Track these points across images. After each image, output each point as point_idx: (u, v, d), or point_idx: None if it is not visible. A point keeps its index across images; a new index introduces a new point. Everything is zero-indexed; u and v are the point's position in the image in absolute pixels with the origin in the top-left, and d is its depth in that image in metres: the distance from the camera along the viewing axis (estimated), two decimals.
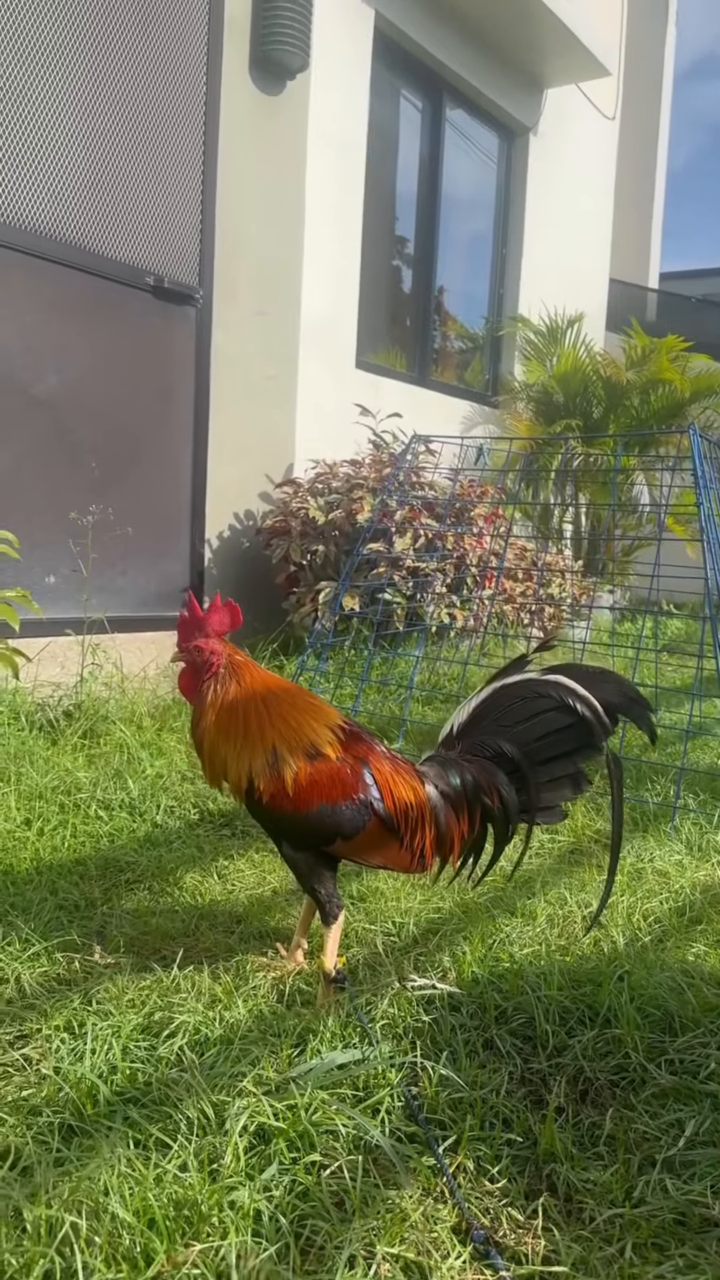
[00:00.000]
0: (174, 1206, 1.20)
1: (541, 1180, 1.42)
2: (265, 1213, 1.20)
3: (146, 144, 4.69)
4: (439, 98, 6.86)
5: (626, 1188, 1.40)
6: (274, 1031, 1.65)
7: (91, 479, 4.55)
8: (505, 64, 7.17)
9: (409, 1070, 1.59)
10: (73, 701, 3.51)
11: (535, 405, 7.75)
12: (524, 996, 1.81)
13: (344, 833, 1.75)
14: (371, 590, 4.65)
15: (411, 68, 6.58)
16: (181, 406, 5.01)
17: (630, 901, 2.32)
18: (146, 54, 4.65)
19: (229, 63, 5.04)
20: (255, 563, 5.26)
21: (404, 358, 6.89)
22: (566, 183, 8.16)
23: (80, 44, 4.35)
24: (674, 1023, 1.77)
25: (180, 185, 4.89)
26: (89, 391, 4.54)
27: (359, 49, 5.86)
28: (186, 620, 1.79)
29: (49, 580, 4.40)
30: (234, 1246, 1.10)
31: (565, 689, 1.80)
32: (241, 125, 5.14)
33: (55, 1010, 1.69)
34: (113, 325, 4.63)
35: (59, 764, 3.03)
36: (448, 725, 1.91)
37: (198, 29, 4.90)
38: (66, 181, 4.34)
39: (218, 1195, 1.19)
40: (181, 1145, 1.29)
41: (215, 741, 1.77)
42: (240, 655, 1.84)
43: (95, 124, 4.45)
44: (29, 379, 4.29)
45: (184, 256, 4.94)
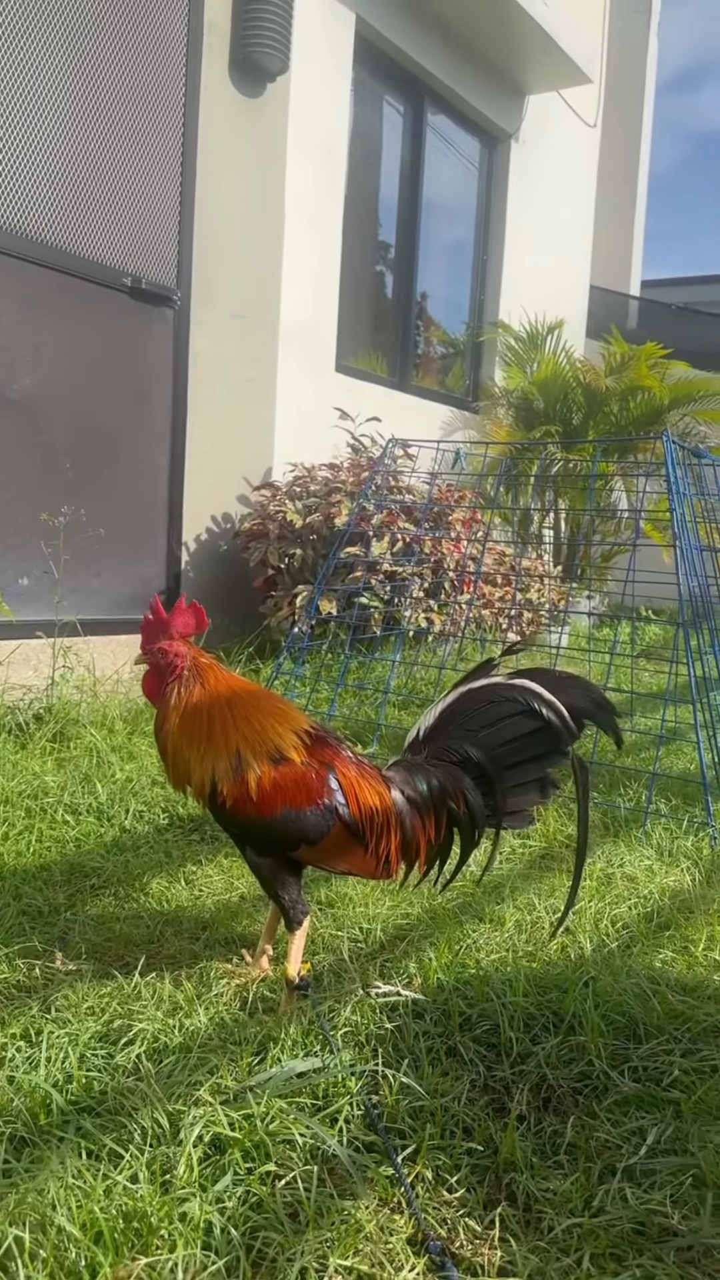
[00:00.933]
0: (123, 1219, 1.17)
1: (501, 1190, 1.41)
2: (217, 1225, 1.18)
3: (125, 144, 4.67)
4: (420, 103, 6.87)
5: (586, 1197, 1.39)
6: (235, 1040, 1.63)
7: (66, 481, 4.51)
8: (487, 70, 7.19)
9: (370, 1078, 1.58)
10: (43, 705, 3.48)
11: (515, 411, 7.76)
12: (489, 1003, 1.80)
13: (308, 838, 1.73)
14: (349, 594, 4.64)
15: (393, 72, 6.58)
16: (159, 408, 4.99)
17: (599, 907, 2.31)
18: (126, 54, 4.63)
19: (209, 65, 5.03)
20: (232, 566, 5.24)
21: (384, 362, 6.89)
22: (548, 189, 8.18)
23: (58, 44, 4.33)
24: (638, 1029, 1.76)
25: (159, 186, 4.87)
26: (64, 392, 4.51)
27: (339, 53, 5.86)
28: (151, 622, 1.77)
29: (22, 582, 4.36)
30: (181, 1260, 1.08)
31: (531, 693, 1.79)
32: (221, 127, 5.12)
33: (12, 1018, 1.67)
34: (89, 326, 4.60)
35: (27, 768, 3.00)
36: (414, 729, 1.89)
37: (177, 30, 4.89)
38: (43, 181, 4.31)
39: (168, 1207, 1.17)
40: (134, 1156, 1.27)
41: (178, 744, 1.75)
42: (205, 658, 1.82)
43: (74, 124, 4.43)
44: (3, 379, 4.26)
45: (162, 258, 4.92)
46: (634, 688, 4.51)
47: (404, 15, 6.32)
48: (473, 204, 7.73)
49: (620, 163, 11.24)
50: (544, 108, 7.92)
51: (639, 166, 11.83)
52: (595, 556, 7.72)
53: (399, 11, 6.27)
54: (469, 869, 2.51)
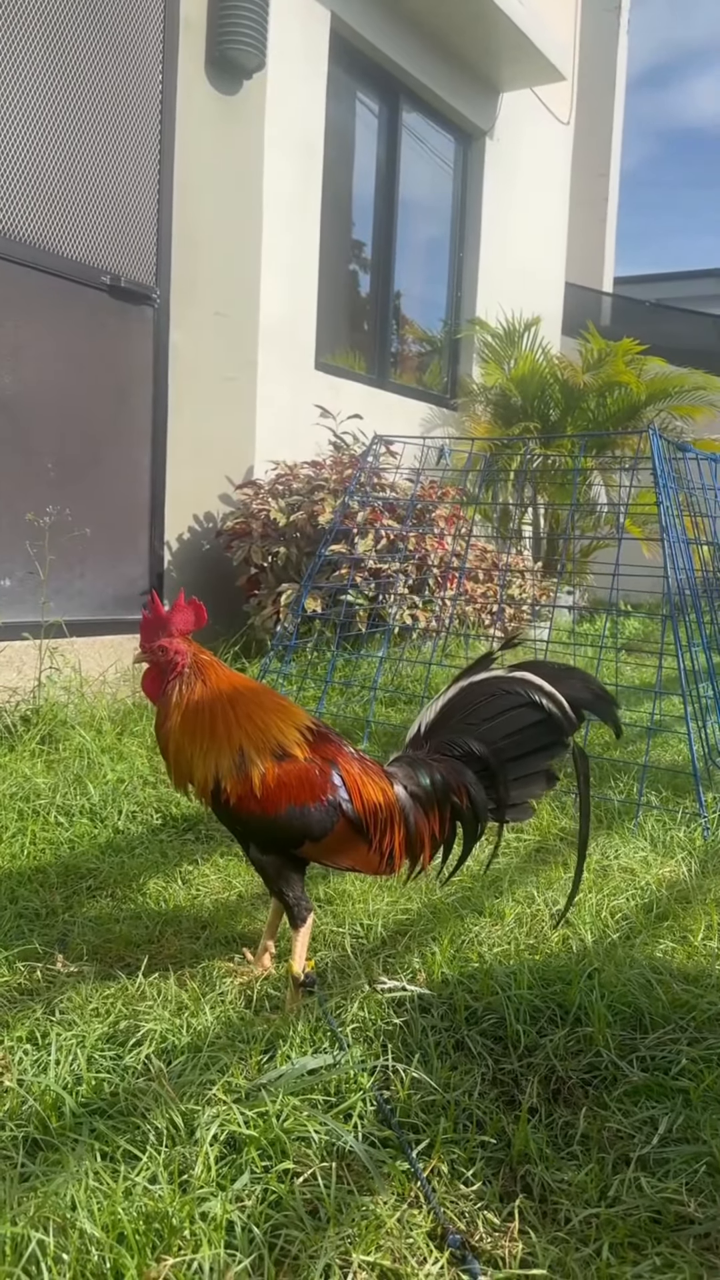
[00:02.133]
0: (144, 1220, 1.16)
1: (516, 1182, 1.41)
2: (238, 1223, 1.17)
3: (102, 142, 4.63)
4: (395, 100, 6.86)
5: (601, 1187, 1.39)
6: (242, 1038, 1.63)
7: (47, 481, 4.48)
8: (461, 67, 7.19)
9: (380, 1074, 1.57)
10: (30, 706, 3.45)
11: (494, 408, 7.78)
12: (494, 996, 1.80)
13: (312, 835, 1.72)
14: (334, 592, 4.63)
15: (368, 70, 6.57)
16: (139, 407, 4.96)
17: (598, 899, 2.31)
18: (101, 51, 4.59)
19: (185, 62, 5.00)
20: (216, 565, 5.21)
21: (363, 360, 6.88)
22: (522, 186, 8.20)
23: (33, 42, 4.29)
24: (644, 1019, 1.76)
25: (137, 183, 4.84)
26: (44, 392, 4.47)
27: (315, 50, 5.85)
28: (149, 620, 1.76)
29: (4, 584, 4.33)
30: (207, 1259, 1.07)
31: (532, 685, 1.79)
32: (198, 124, 5.10)
33: (17, 1021, 1.65)
34: (69, 325, 4.56)
35: (16, 770, 2.97)
36: (415, 724, 1.89)
37: (153, 27, 4.86)
38: (19, 178, 4.27)
39: (189, 1207, 1.16)
40: (150, 1156, 1.26)
41: (180, 743, 1.74)
42: (206, 654, 1.81)
43: (50, 122, 4.39)
44: None
45: (141, 256, 4.89)
46: (618, 681, 4.52)
47: (379, 12, 6.32)
48: (448, 201, 7.73)
49: (592, 159, 11.29)
50: (518, 105, 7.93)
51: (610, 163, 11.89)
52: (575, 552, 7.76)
53: (374, 8, 6.26)
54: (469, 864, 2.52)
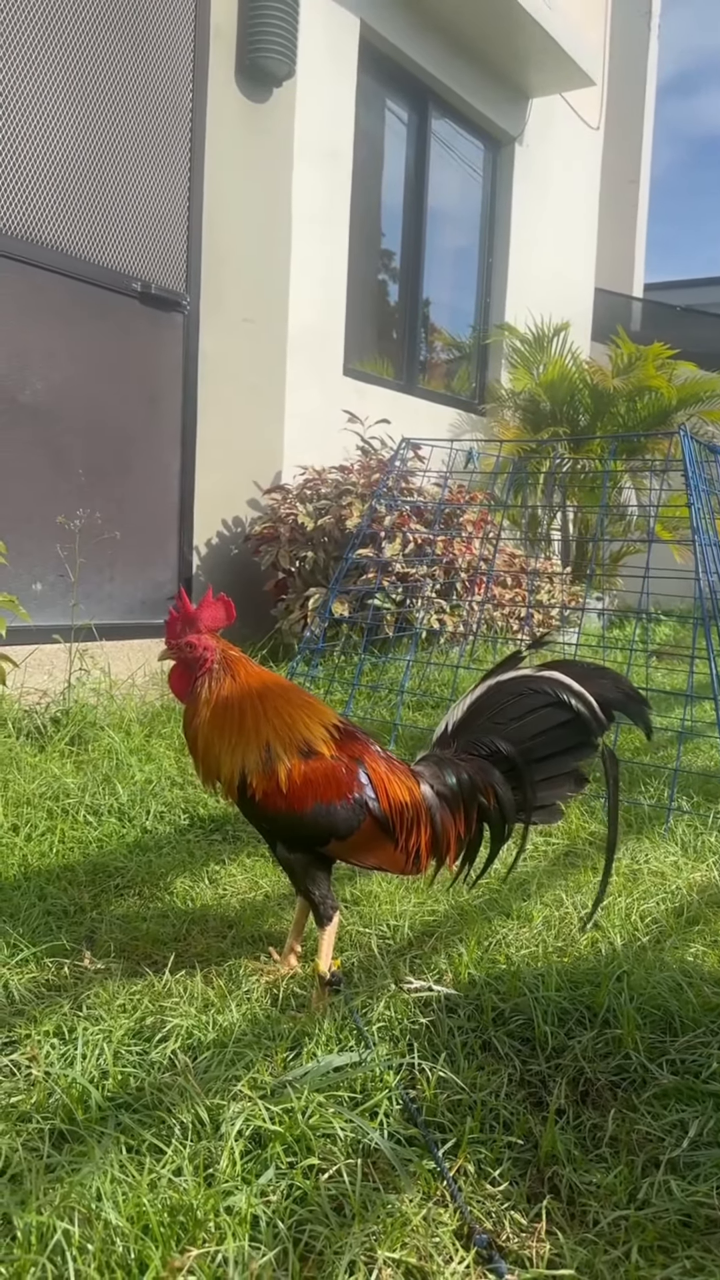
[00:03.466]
0: (169, 1212, 1.16)
1: (543, 1183, 1.39)
2: (263, 1218, 1.16)
3: (133, 150, 4.68)
4: (425, 107, 6.88)
5: (630, 1190, 1.38)
6: (269, 1035, 1.62)
7: (78, 486, 4.52)
8: (490, 73, 7.20)
9: (406, 1073, 1.56)
10: (61, 708, 3.47)
11: (523, 413, 7.76)
12: (522, 998, 1.78)
13: (338, 833, 1.72)
14: (361, 596, 4.63)
15: (397, 77, 6.59)
16: (169, 413, 4.99)
17: (627, 902, 2.29)
18: (133, 60, 4.64)
19: (215, 70, 5.04)
20: (244, 570, 5.23)
21: (391, 366, 6.89)
22: (552, 192, 8.19)
23: (66, 51, 4.34)
24: (674, 1022, 1.74)
25: (167, 191, 4.88)
26: (76, 398, 4.52)
27: (344, 58, 5.87)
28: (177, 617, 1.76)
29: (36, 588, 4.37)
30: (232, 1252, 1.07)
31: (561, 685, 1.78)
32: (228, 132, 5.13)
33: (45, 1016, 1.66)
34: (100, 332, 4.61)
35: (46, 770, 2.99)
36: (442, 724, 1.88)
37: (184, 36, 4.90)
38: (52, 187, 4.32)
39: (214, 1200, 1.16)
40: (175, 1150, 1.25)
41: (209, 738, 1.74)
42: (234, 650, 1.81)
43: (83, 131, 4.44)
44: (15, 386, 4.26)
45: (171, 263, 4.93)
46: (648, 685, 4.49)
47: (407, 19, 6.34)
48: (477, 207, 7.74)
49: (622, 165, 11.25)
50: (547, 110, 7.93)
51: (640, 168, 11.83)
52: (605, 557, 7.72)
53: (402, 16, 6.29)
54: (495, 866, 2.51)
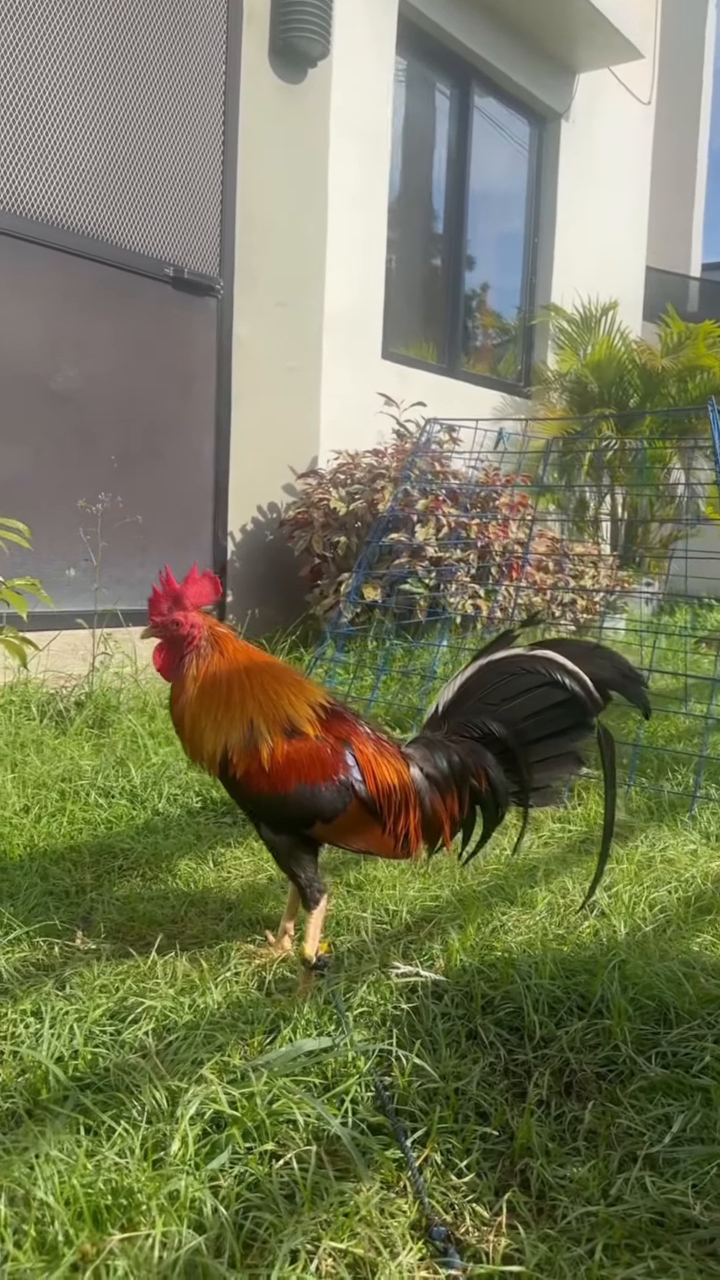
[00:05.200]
0: (112, 1194, 1.14)
1: (515, 1176, 1.35)
2: (206, 1202, 1.14)
3: (165, 134, 4.67)
4: (467, 84, 6.77)
5: (604, 1185, 1.33)
6: (247, 1019, 1.60)
7: (111, 471, 4.54)
8: (534, 49, 7.06)
9: (381, 1060, 1.53)
10: (84, 691, 3.49)
11: (570, 395, 7.62)
12: (513, 985, 1.73)
13: (323, 815, 1.69)
14: (394, 580, 4.59)
15: (438, 54, 6.50)
16: (202, 398, 4.99)
17: (636, 890, 2.23)
18: (165, 43, 4.63)
19: (248, 51, 5.00)
20: (278, 555, 5.22)
21: (433, 348, 6.81)
22: (600, 169, 8.02)
23: (97, 34, 4.34)
24: (670, 1014, 1.68)
25: (200, 175, 4.86)
26: (108, 384, 4.53)
27: (382, 36, 5.80)
28: (162, 594, 1.73)
29: (69, 573, 4.40)
30: (158, 1235, 1.05)
31: (554, 664, 1.73)
32: (262, 114, 5.10)
33: (25, 994, 1.65)
34: (132, 317, 4.61)
35: (65, 752, 3.01)
36: (433, 705, 1.84)
37: (216, 17, 4.87)
38: (84, 173, 4.33)
39: (155, 1184, 1.14)
40: (125, 1132, 1.24)
41: (197, 715, 1.71)
42: (221, 627, 1.78)
43: (113, 114, 4.44)
44: (48, 372, 4.29)
45: (204, 247, 4.92)
46: (687, 671, 4.38)
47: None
48: (523, 186, 7.61)
49: (678, 140, 10.96)
50: (595, 85, 7.75)
51: (698, 144, 11.52)
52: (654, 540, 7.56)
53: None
54: (503, 851, 2.46)
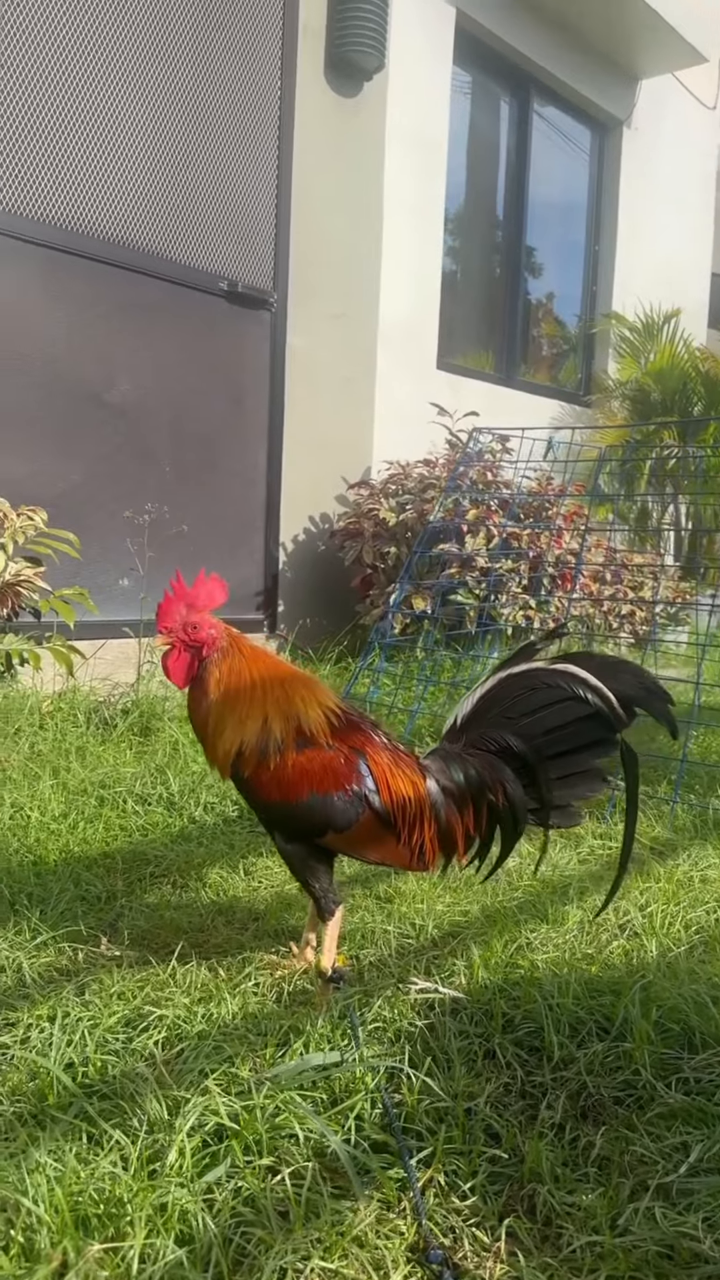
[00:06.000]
0: (103, 1204, 1.14)
1: (520, 1201, 1.32)
2: (196, 1215, 1.13)
3: (221, 150, 4.73)
4: (526, 94, 6.74)
5: (613, 1214, 1.29)
6: (259, 1030, 1.59)
7: (165, 483, 4.60)
8: (595, 56, 6.99)
9: (390, 1077, 1.51)
10: (130, 699, 3.53)
11: (631, 404, 7.51)
12: (534, 1004, 1.70)
13: (335, 825, 1.67)
14: (444, 591, 4.56)
15: (496, 64, 6.48)
16: (255, 410, 5.03)
17: (671, 910, 2.17)
18: (220, 59, 4.70)
19: (304, 66, 5.05)
20: (330, 565, 5.23)
21: (490, 357, 6.78)
22: (663, 175, 7.91)
23: (153, 51, 4.42)
24: (694, 1039, 1.63)
25: (254, 190, 4.92)
26: (163, 396, 4.60)
27: (439, 48, 5.80)
28: (174, 599, 1.73)
29: (123, 583, 4.46)
30: (138, 1247, 1.04)
31: (575, 679, 1.69)
32: (317, 128, 5.14)
33: (44, 1000, 1.67)
34: (186, 330, 4.68)
35: (107, 759, 3.05)
36: (452, 717, 1.81)
37: (272, 33, 4.93)
38: (140, 190, 4.41)
39: (144, 1195, 1.13)
40: (119, 1142, 1.24)
41: (221, 719, 1.69)
42: (234, 630, 1.78)
43: (170, 133, 4.51)
44: (102, 385, 4.37)
45: (258, 261, 4.97)
46: None
47: (506, 6, 6.21)
48: (584, 194, 7.53)
49: None
50: (658, 91, 7.65)
51: None
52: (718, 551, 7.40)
53: (501, 3, 6.17)
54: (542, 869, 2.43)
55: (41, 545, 3.50)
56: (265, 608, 5.11)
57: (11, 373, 4.07)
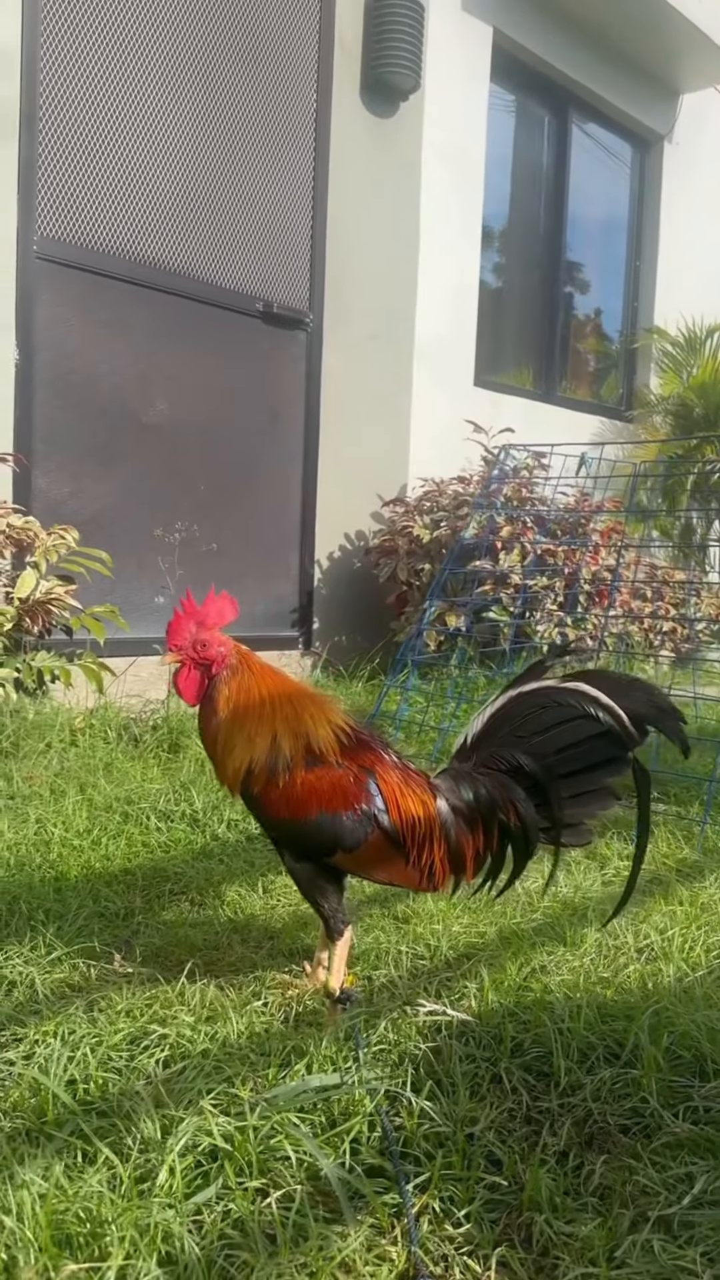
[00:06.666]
0: (90, 1223, 1.14)
1: (517, 1229, 1.30)
2: (180, 1237, 1.13)
3: (256, 172, 4.79)
4: (565, 110, 6.74)
5: (611, 1246, 1.26)
6: (263, 1050, 1.59)
7: (200, 501, 4.64)
8: (635, 72, 6.97)
9: (397, 1100, 1.49)
10: (161, 716, 3.56)
11: (674, 419, 7.44)
12: (543, 1029, 1.67)
13: (344, 844, 1.67)
14: (476, 608, 4.54)
15: (534, 82, 6.49)
16: (291, 429, 5.06)
17: (693, 934, 2.13)
18: (257, 83, 4.76)
19: (340, 88, 5.10)
20: (366, 583, 5.23)
21: (529, 374, 6.76)
22: (705, 189, 7.84)
23: (190, 75, 4.49)
24: (706, 1066, 1.59)
25: (290, 211, 4.96)
26: (198, 416, 4.65)
27: (476, 66, 5.82)
28: (184, 616, 1.74)
29: (158, 600, 4.51)
30: (115, 1267, 1.04)
31: (587, 698, 1.67)
32: (353, 148, 5.18)
33: (51, 1016, 1.68)
34: (222, 351, 4.73)
35: (134, 776, 3.07)
36: (462, 736, 1.80)
37: (308, 55, 4.98)
38: (177, 212, 4.47)
39: (128, 1215, 1.13)
40: (108, 1161, 1.24)
41: (231, 736, 1.70)
42: (243, 648, 1.78)
43: (207, 157, 4.58)
44: (140, 406, 4.43)
45: (294, 281, 5.01)
46: None
47: (545, 24, 6.22)
48: (624, 209, 7.50)
49: None
50: (699, 105, 7.60)
51: None
52: None
53: (539, 21, 6.18)
54: (559, 889, 2.40)
55: (74, 564, 3.54)
56: (300, 625, 5.13)
57: (55, 396, 4.15)
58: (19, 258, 3.95)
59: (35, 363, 4.05)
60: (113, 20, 4.20)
